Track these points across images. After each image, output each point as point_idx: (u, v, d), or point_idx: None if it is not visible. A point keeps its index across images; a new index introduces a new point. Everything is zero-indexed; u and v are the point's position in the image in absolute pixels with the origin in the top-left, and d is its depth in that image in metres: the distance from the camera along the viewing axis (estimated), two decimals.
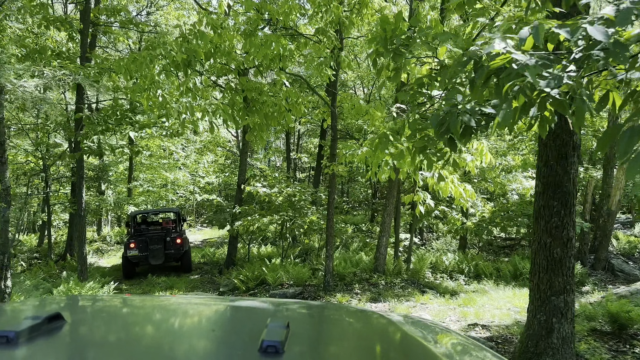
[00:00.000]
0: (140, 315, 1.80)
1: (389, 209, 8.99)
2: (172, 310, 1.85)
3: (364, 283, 8.54)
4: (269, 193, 9.78)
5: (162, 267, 14.11)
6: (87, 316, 1.72)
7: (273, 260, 12.06)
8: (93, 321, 1.64)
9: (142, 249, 11.94)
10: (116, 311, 1.84)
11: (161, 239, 12.16)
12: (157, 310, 1.86)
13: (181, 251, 12.40)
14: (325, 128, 12.09)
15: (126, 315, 1.78)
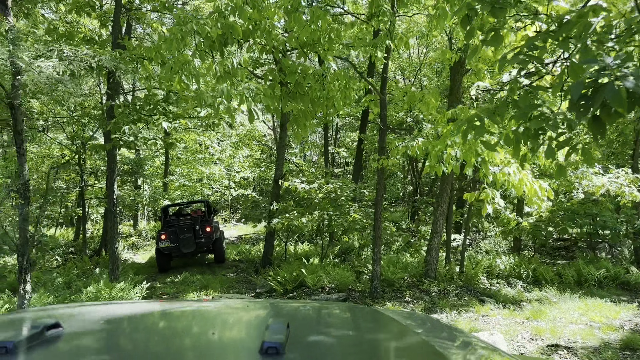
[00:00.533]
0: (139, 320, 1.79)
1: (441, 208, 8.13)
2: (172, 314, 1.86)
3: (415, 290, 7.73)
4: (308, 189, 9.09)
5: (196, 262, 13.76)
6: (85, 324, 1.70)
7: (311, 260, 11.41)
8: (91, 328, 1.62)
9: (173, 240, 11.99)
10: (114, 318, 1.82)
11: (190, 227, 12.16)
12: (156, 314, 1.86)
13: (211, 239, 12.36)
14: (372, 119, 11.27)
15: (124, 322, 1.77)
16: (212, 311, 1.93)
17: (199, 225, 12.29)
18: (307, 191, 9.01)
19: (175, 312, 1.93)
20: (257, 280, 10.50)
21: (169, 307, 2.09)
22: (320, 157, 23.45)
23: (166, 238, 11.98)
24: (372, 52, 6.04)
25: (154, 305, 2.23)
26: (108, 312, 1.92)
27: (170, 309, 2.03)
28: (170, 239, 12.00)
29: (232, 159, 22.30)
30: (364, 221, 8.91)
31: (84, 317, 1.81)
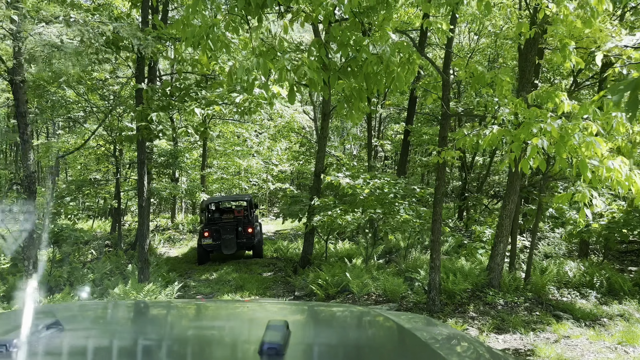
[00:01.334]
0: (138, 319, 1.79)
1: (508, 208, 7.04)
2: (171, 313, 1.87)
3: (477, 302, 6.71)
4: (353, 185, 8.19)
5: (234, 256, 13.20)
6: (85, 322, 1.71)
7: (354, 261, 10.52)
8: (91, 327, 1.64)
9: (215, 238, 12.09)
10: (114, 316, 1.82)
11: (233, 228, 12.20)
12: (155, 313, 1.87)
13: (253, 240, 12.46)
14: (431, 104, 10.21)
15: (123, 319, 1.78)
16: (212, 310, 1.92)
17: (241, 226, 12.33)
18: (351, 187, 8.12)
19: (175, 310, 1.92)
20: (295, 281, 9.72)
21: (169, 306, 2.05)
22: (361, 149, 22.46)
23: (209, 236, 12.07)
24: (434, 24, 5.05)
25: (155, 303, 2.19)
26: (108, 311, 1.92)
27: (170, 307, 2.00)
28: (212, 237, 12.07)
29: (270, 151, 21.65)
30: (415, 221, 7.93)
31: (85, 316, 1.81)
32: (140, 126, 6.10)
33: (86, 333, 1.52)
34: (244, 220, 12.73)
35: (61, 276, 8.90)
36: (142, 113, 6.08)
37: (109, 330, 1.60)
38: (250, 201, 13.87)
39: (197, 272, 11.85)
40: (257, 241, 12.65)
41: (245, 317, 1.78)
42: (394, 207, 8.27)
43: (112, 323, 1.72)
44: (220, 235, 12.10)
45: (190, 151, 21.40)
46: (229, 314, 1.86)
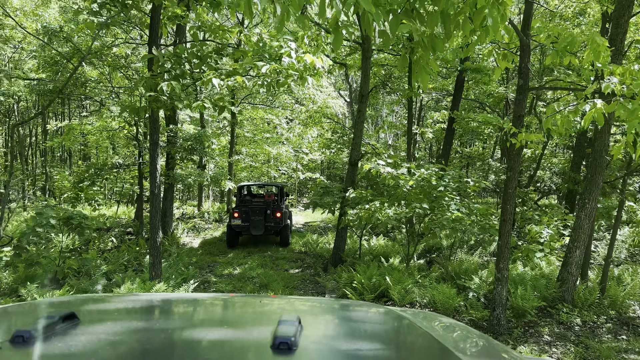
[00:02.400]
0: (153, 312, 1.79)
1: (588, 207, 5.74)
2: (185, 307, 1.88)
3: (549, 321, 5.49)
4: (396, 175, 7.05)
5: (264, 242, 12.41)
6: (101, 315, 1.72)
7: (391, 261, 9.39)
8: (106, 320, 1.64)
9: (245, 219, 12.47)
10: (129, 309, 1.83)
11: (262, 211, 12.53)
12: (170, 307, 1.87)
13: (280, 224, 12.71)
14: (499, 77, 8.92)
15: (139, 313, 1.77)
16: (226, 305, 1.92)
17: (270, 210, 12.62)
18: (393, 177, 6.98)
19: (190, 304, 1.92)
20: (326, 281, 8.69)
21: (184, 299, 2.08)
22: (397, 139, 21.17)
23: (238, 216, 12.45)
24: None
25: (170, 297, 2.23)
26: (123, 304, 1.93)
27: (184, 301, 2.02)
28: (242, 218, 12.45)
29: (301, 139, 20.62)
30: (469, 220, 6.73)
31: (100, 309, 1.82)
32: (148, 98, 5.13)
33: (102, 326, 1.53)
34: (273, 205, 12.99)
35: (70, 268, 8.13)
36: (151, 82, 5.10)
37: (124, 324, 1.61)
38: (281, 188, 14.20)
39: (220, 266, 10.98)
40: (284, 226, 12.88)
41: (259, 312, 1.77)
42: (443, 202, 7.09)
43: (128, 317, 1.71)
44: (249, 217, 12.47)
45: (218, 137, 20.61)
46: (243, 308, 1.86)
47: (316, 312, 1.85)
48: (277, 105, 19.41)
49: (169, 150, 12.65)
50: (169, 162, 13.13)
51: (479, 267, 8.58)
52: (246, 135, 20.60)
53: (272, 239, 14.14)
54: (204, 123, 18.60)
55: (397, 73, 13.48)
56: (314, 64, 5.45)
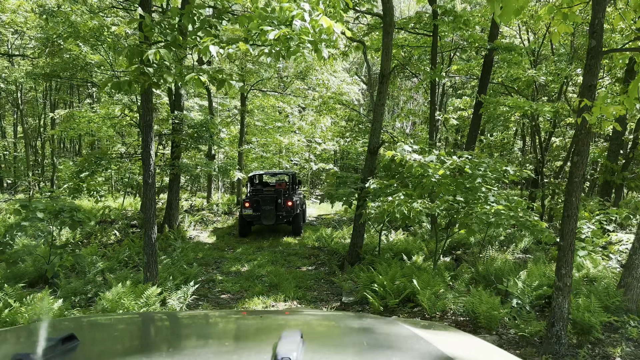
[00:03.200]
0: (152, 331, 1.80)
1: None
2: (185, 326, 1.87)
3: (616, 337, 4.55)
4: (424, 162, 6.13)
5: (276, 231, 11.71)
6: (101, 335, 1.72)
7: (414, 258, 8.51)
8: (106, 340, 1.65)
9: (256, 209, 12.37)
10: (129, 329, 1.83)
11: (273, 200, 12.42)
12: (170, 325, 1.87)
13: (291, 214, 12.60)
14: (557, 43, 7.87)
15: (139, 332, 1.78)
16: (225, 321, 1.92)
17: (281, 199, 12.52)
18: (422, 165, 6.06)
19: (190, 323, 1.92)
20: (342, 282, 7.82)
21: (184, 317, 2.05)
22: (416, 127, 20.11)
23: (249, 206, 12.37)
24: None
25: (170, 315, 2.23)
26: (124, 324, 1.92)
27: (184, 318, 2.00)
28: (253, 207, 12.37)
29: (314, 127, 19.70)
30: (511, 214, 5.78)
31: (100, 329, 1.82)
32: (132, 70, 4.28)
33: (102, 347, 1.54)
34: (284, 194, 12.87)
35: (62, 265, 7.38)
36: (135, 50, 4.24)
37: (125, 344, 1.61)
38: (293, 176, 14.10)
39: (227, 262, 10.19)
40: (295, 215, 12.77)
41: (260, 326, 1.77)
42: (480, 194, 6.15)
43: (128, 337, 1.72)
44: (260, 207, 12.36)
45: (227, 126, 19.81)
46: (244, 325, 1.83)
47: (319, 327, 1.81)
48: (289, 92, 18.48)
49: (173, 139, 11.86)
50: (174, 151, 12.35)
51: (513, 267, 7.65)
52: (257, 124, 19.74)
53: (285, 228, 13.85)
54: (212, 111, 17.79)
55: (418, 54, 12.47)
56: (331, 28, 4.55)
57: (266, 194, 12.93)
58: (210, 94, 17.87)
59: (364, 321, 1.92)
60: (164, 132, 12.35)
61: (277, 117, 21.11)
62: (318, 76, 15.63)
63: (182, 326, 1.86)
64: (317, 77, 15.92)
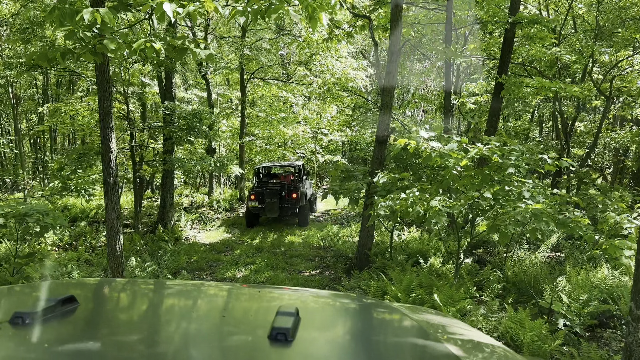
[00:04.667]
0: (151, 298, 1.81)
1: None
2: (184, 295, 1.88)
3: None
4: (445, 151, 5.07)
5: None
6: (100, 299, 1.73)
7: (431, 261, 7.45)
8: (105, 304, 1.67)
9: (261, 202, 12.41)
10: (129, 294, 1.84)
11: (277, 193, 12.46)
12: (168, 294, 1.88)
13: (296, 205, 12.66)
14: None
15: (138, 299, 1.79)
16: (225, 294, 1.92)
17: (285, 192, 12.60)
18: (442, 154, 5.00)
19: (189, 292, 1.92)
20: (348, 290, 6.80)
21: (184, 287, 2.07)
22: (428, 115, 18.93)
23: (255, 199, 12.44)
24: None
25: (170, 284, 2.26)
26: (123, 289, 1.93)
27: (185, 288, 2.01)
28: (258, 200, 12.41)
29: (319, 117, 18.60)
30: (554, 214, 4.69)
31: (100, 293, 1.83)
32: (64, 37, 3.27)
33: (101, 310, 1.53)
34: (289, 186, 12.89)
35: (28, 276, 6.46)
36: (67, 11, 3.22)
37: (123, 309, 1.61)
38: (299, 168, 14.17)
39: (223, 266, 9.22)
40: (301, 207, 12.83)
41: (258, 302, 1.78)
42: (512, 188, 5.08)
43: (127, 302, 1.72)
44: (264, 199, 12.34)
45: (228, 117, 18.82)
46: (242, 299, 1.84)
47: (315, 304, 1.81)
48: (292, 81, 17.39)
49: (164, 131, 10.88)
50: (165, 145, 11.38)
51: (547, 271, 6.57)
52: (259, 116, 18.71)
53: (292, 221, 13.80)
54: (211, 102, 16.78)
55: (430, 32, 11.31)
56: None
57: (270, 186, 12.86)
58: (208, 84, 16.86)
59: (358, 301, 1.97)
60: (154, 124, 11.37)
61: (280, 108, 20.05)
62: (322, 61, 14.53)
63: (182, 296, 1.85)
64: (321, 63, 14.81)
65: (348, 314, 1.76)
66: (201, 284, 2.12)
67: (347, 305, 1.88)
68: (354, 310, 1.80)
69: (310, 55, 14.99)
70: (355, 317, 1.71)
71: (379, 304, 1.89)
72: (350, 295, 2.25)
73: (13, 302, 1.54)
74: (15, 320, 1.13)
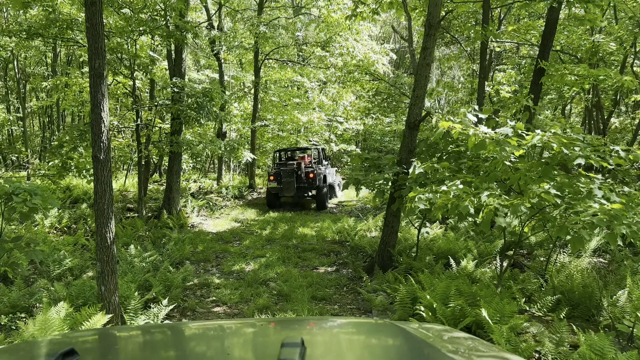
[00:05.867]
0: (152, 345, 1.79)
1: None
2: (185, 338, 1.87)
3: None
4: (501, 138, 4.22)
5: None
6: (101, 350, 1.71)
7: (463, 264, 6.61)
8: (107, 355, 1.64)
9: (279, 182, 12.85)
10: (129, 343, 1.81)
11: (293, 173, 12.78)
12: (170, 338, 1.86)
13: (313, 185, 12.97)
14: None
15: (139, 346, 1.76)
16: (227, 331, 1.92)
17: (301, 171, 12.96)
18: (499, 141, 4.15)
19: (191, 334, 1.92)
20: (371, 293, 6.01)
21: (186, 328, 2.07)
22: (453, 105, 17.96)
23: (274, 179, 12.92)
24: None
25: (172, 326, 2.27)
26: (124, 338, 1.90)
27: (187, 330, 2.01)
28: (277, 180, 12.87)
29: (336, 104, 17.71)
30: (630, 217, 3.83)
31: (101, 343, 1.81)
32: None
33: (102, 359, 1.54)
34: (307, 166, 13.24)
35: (14, 263, 5.73)
36: None
37: (124, 358, 1.60)
38: (319, 151, 14.57)
39: (230, 258, 8.48)
40: (319, 189, 13.09)
41: (262, 336, 1.76)
42: (580, 185, 4.22)
43: (129, 351, 1.70)
44: (282, 179, 12.78)
45: (240, 100, 18.01)
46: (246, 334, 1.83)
47: (322, 333, 1.77)
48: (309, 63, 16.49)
49: (171, 110, 10.10)
50: (173, 125, 10.61)
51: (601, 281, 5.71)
52: (272, 100, 17.86)
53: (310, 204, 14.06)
54: (223, 84, 15.96)
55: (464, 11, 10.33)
56: None
57: (287, 167, 13.22)
58: (221, 65, 16.03)
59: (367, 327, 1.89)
60: (161, 103, 10.59)
61: (294, 93, 19.17)
62: (342, 43, 13.61)
63: (184, 338, 1.83)
64: (341, 45, 13.89)
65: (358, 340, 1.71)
66: (203, 324, 2.01)
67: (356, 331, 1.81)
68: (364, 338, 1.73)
69: (330, 36, 14.08)
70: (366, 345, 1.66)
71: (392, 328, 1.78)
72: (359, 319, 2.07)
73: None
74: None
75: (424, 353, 1.50)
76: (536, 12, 12.35)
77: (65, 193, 13.55)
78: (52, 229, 10.58)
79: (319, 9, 13.85)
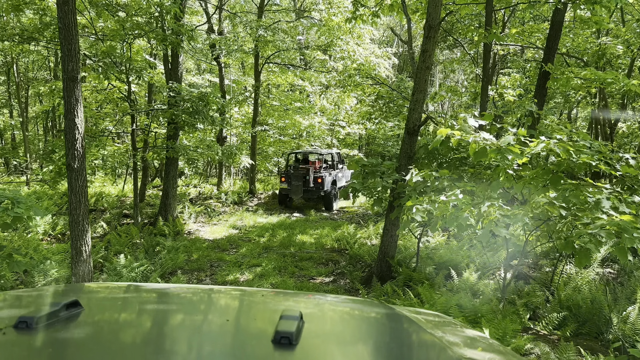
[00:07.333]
0: (155, 303, 1.80)
1: None
2: (187, 299, 1.86)
3: None
4: (503, 146, 3.96)
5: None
6: (104, 303, 1.71)
7: (465, 275, 6.33)
8: (109, 308, 1.65)
9: (289, 184, 13.63)
10: (132, 299, 1.82)
11: (301, 177, 13.40)
12: (172, 298, 1.86)
13: (320, 189, 13.47)
14: None
15: (142, 303, 1.77)
16: (228, 298, 1.92)
17: (309, 176, 13.39)
18: (501, 149, 3.89)
19: (193, 296, 1.90)
20: None
21: (188, 291, 2.05)
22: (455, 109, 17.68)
23: (284, 181, 13.71)
24: None
25: (174, 287, 2.18)
26: (127, 293, 1.91)
27: (188, 292, 1.99)
28: (287, 182, 13.65)
29: (337, 108, 17.46)
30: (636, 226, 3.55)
31: (104, 297, 1.81)
32: None
33: (105, 314, 1.53)
34: (316, 171, 13.60)
35: None
36: None
37: (127, 313, 1.60)
38: (332, 155, 15.19)
39: (225, 267, 8.23)
40: (327, 192, 13.71)
41: (262, 307, 1.75)
42: (587, 194, 3.95)
43: (131, 306, 1.70)
44: (291, 182, 13.51)
45: (240, 105, 17.81)
46: (246, 303, 1.83)
47: (320, 308, 1.80)
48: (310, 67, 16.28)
49: (167, 116, 9.89)
50: (169, 130, 10.41)
51: (609, 295, 5.42)
52: (273, 104, 17.64)
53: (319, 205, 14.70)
54: (224, 88, 15.77)
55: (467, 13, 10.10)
56: None
57: (297, 170, 13.78)
58: (221, 69, 15.85)
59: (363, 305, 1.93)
60: (156, 107, 10.39)
61: (296, 97, 18.96)
62: (343, 47, 13.39)
63: (186, 300, 1.81)
64: (342, 49, 13.67)
65: (353, 318, 1.74)
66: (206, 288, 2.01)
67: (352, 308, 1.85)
68: (358, 315, 1.77)
69: (331, 40, 13.87)
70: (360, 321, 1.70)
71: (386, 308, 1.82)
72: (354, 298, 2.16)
73: (18, 307, 1.54)
74: (20, 325, 1.13)
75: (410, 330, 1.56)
76: (541, 14, 12.08)
77: (63, 199, 13.38)
78: (45, 236, 10.39)
79: (320, 13, 13.66)
